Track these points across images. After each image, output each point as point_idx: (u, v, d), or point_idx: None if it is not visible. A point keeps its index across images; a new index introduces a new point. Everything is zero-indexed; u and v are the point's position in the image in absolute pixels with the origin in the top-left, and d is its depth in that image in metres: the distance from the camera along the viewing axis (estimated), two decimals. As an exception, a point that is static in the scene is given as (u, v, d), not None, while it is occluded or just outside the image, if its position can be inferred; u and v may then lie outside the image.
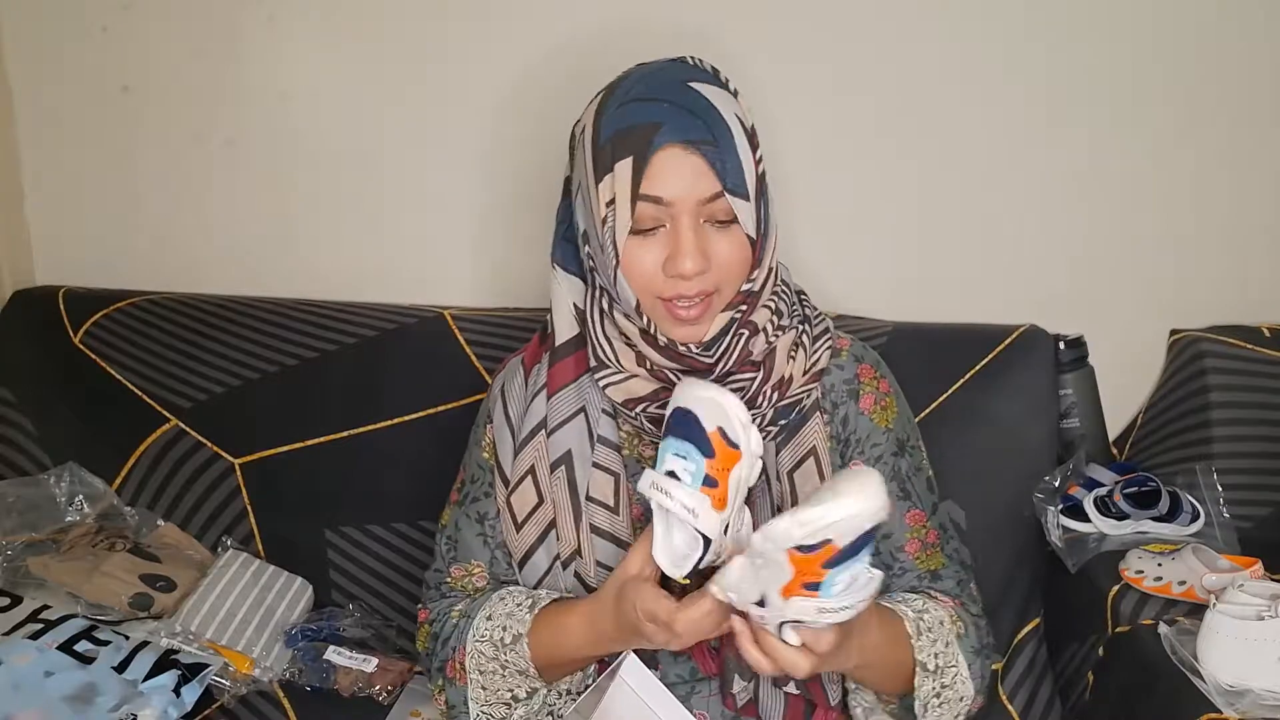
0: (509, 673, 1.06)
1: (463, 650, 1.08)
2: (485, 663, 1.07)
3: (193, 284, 1.71)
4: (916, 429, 1.19)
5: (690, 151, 0.95)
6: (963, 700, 1.06)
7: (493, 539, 1.15)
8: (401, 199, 1.72)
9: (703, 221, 0.98)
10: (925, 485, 1.16)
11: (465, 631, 1.09)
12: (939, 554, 1.14)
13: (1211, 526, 1.47)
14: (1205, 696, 1.14)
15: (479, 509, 1.16)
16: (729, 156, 0.96)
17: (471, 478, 1.18)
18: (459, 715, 1.10)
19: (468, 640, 1.08)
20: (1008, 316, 1.57)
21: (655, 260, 0.98)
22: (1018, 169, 1.63)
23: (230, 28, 1.67)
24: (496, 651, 1.06)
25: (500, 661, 1.06)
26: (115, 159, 1.75)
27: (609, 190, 0.97)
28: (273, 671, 1.38)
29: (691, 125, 0.95)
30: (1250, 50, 1.58)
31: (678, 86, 0.98)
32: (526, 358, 1.16)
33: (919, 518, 1.13)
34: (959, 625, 1.08)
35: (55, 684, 1.23)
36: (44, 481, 1.55)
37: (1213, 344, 1.60)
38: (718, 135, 0.96)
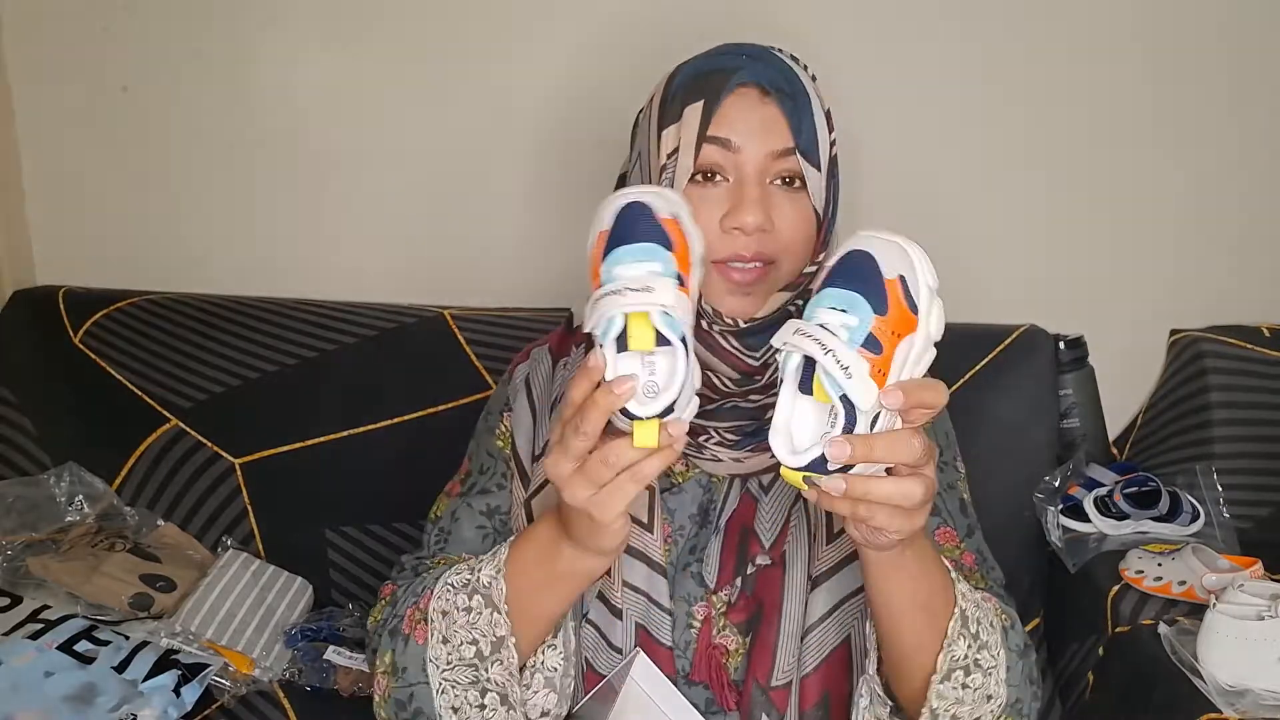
0: (476, 615, 0.88)
1: (429, 595, 0.91)
2: (452, 597, 0.89)
3: (193, 284, 1.71)
4: (955, 448, 1.08)
5: (766, 99, 0.89)
6: (991, 700, 0.88)
7: (498, 535, 1.02)
8: (401, 199, 1.72)
9: (769, 181, 0.90)
10: (958, 505, 1.05)
11: (439, 576, 0.93)
12: (978, 577, 1.01)
13: (1211, 526, 1.47)
14: (1205, 696, 1.14)
15: (488, 501, 1.03)
16: (805, 117, 0.90)
17: (480, 468, 1.06)
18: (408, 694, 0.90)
19: (439, 581, 0.91)
20: (1008, 316, 1.57)
21: (713, 215, 0.89)
22: (1017, 169, 1.64)
23: (230, 28, 1.67)
24: (468, 579, 0.89)
25: (470, 589, 0.89)
26: (115, 159, 1.75)
27: (673, 139, 0.90)
28: (273, 671, 1.38)
29: (771, 75, 0.90)
30: (1250, 51, 1.58)
31: (760, 48, 0.94)
32: (554, 347, 1.07)
33: (949, 536, 1.01)
34: (1005, 618, 0.92)
35: (55, 684, 1.23)
36: (44, 481, 1.55)
37: (1213, 344, 1.60)
38: (796, 94, 0.90)
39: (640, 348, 0.74)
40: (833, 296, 0.73)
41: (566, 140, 1.62)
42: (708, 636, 0.96)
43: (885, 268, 0.73)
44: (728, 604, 0.96)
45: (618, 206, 0.77)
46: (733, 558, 0.97)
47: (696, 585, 0.97)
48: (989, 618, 0.89)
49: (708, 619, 0.96)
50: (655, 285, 0.73)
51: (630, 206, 0.77)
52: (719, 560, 0.97)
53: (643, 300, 0.73)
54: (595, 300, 0.75)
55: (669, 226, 0.76)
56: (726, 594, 0.96)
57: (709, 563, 0.97)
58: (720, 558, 0.97)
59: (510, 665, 0.88)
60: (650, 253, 0.75)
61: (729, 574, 0.96)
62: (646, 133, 0.94)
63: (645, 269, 0.74)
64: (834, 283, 0.73)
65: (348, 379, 1.58)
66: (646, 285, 0.73)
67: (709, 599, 0.97)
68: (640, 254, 0.75)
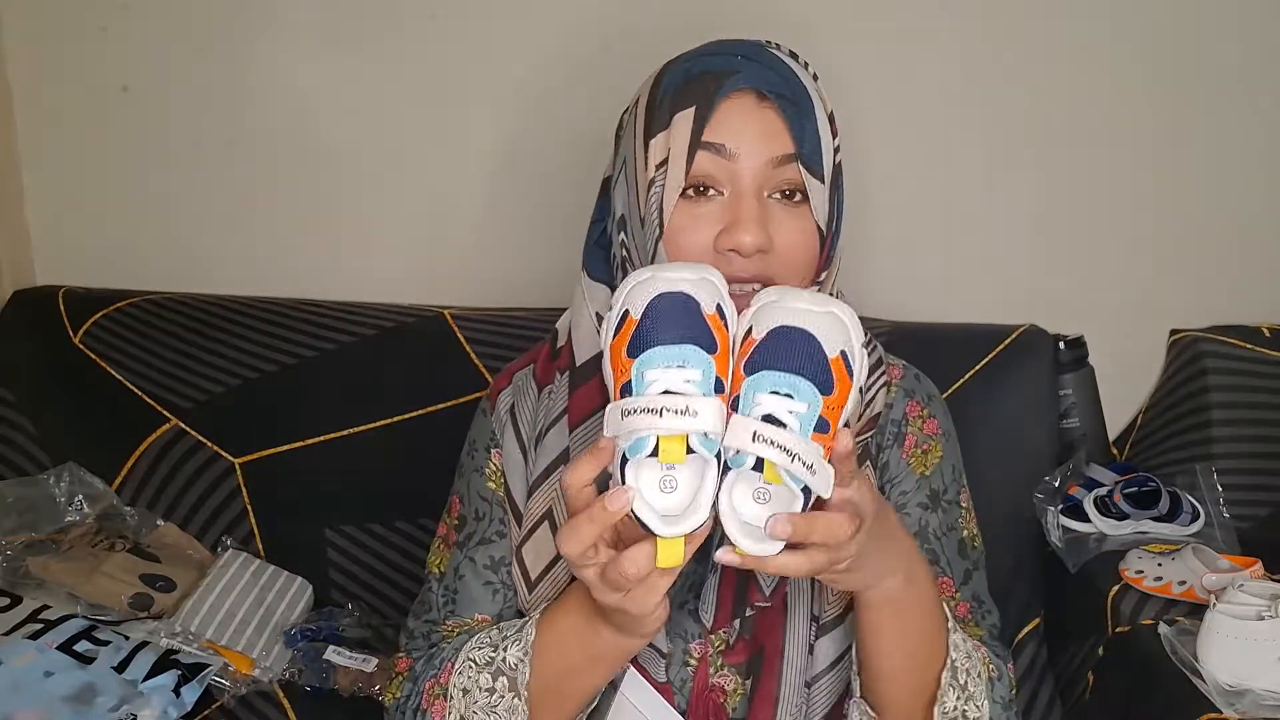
0: (498, 699, 0.85)
1: (450, 667, 0.88)
2: (475, 675, 0.86)
3: (193, 284, 1.71)
4: (960, 480, 1.02)
5: (765, 104, 0.82)
6: None
7: (506, 589, 0.96)
8: (401, 199, 1.72)
9: (768, 195, 0.83)
10: (956, 548, 0.99)
11: (460, 647, 0.90)
12: (973, 627, 0.98)
13: (1211, 526, 1.47)
14: (1205, 696, 1.14)
15: (490, 553, 0.96)
16: (807, 122, 0.83)
17: (476, 514, 0.98)
18: None
19: (460, 653, 0.88)
20: (1008, 316, 1.57)
21: (707, 234, 0.83)
22: (1017, 169, 1.63)
23: (230, 28, 1.67)
24: (492, 657, 0.86)
25: (494, 670, 0.86)
26: (115, 159, 1.75)
27: (662, 149, 0.83)
28: (273, 671, 1.38)
29: (770, 78, 0.83)
30: (1251, 50, 1.58)
31: (755, 46, 0.86)
32: (539, 372, 0.99)
33: (946, 586, 0.97)
34: (992, 669, 0.91)
35: (55, 684, 1.23)
36: (44, 481, 1.55)
37: (1213, 344, 1.60)
38: (797, 97, 0.83)
39: (670, 460, 0.68)
40: (774, 380, 0.67)
41: (568, 138, 1.62)
42: (704, 676, 0.93)
43: (828, 347, 0.68)
44: (726, 644, 0.93)
45: (652, 294, 0.69)
46: (730, 597, 0.92)
47: (693, 623, 0.93)
48: (977, 668, 0.88)
49: (704, 658, 0.93)
50: (699, 407, 0.66)
51: (669, 298, 0.69)
52: (716, 599, 0.92)
53: (684, 426, 0.66)
54: (625, 412, 0.67)
55: (713, 324, 0.69)
56: (725, 634, 0.93)
57: (706, 601, 0.92)
58: (718, 596, 0.92)
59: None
60: (690, 358, 0.67)
61: (726, 615, 0.92)
62: (632, 138, 0.87)
63: (683, 377, 0.67)
64: (774, 364, 0.68)
65: (348, 379, 1.58)
66: (688, 407, 0.66)
67: (706, 638, 0.93)
68: (679, 358, 0.67)
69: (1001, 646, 0.99)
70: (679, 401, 0.66)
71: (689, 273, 0.70)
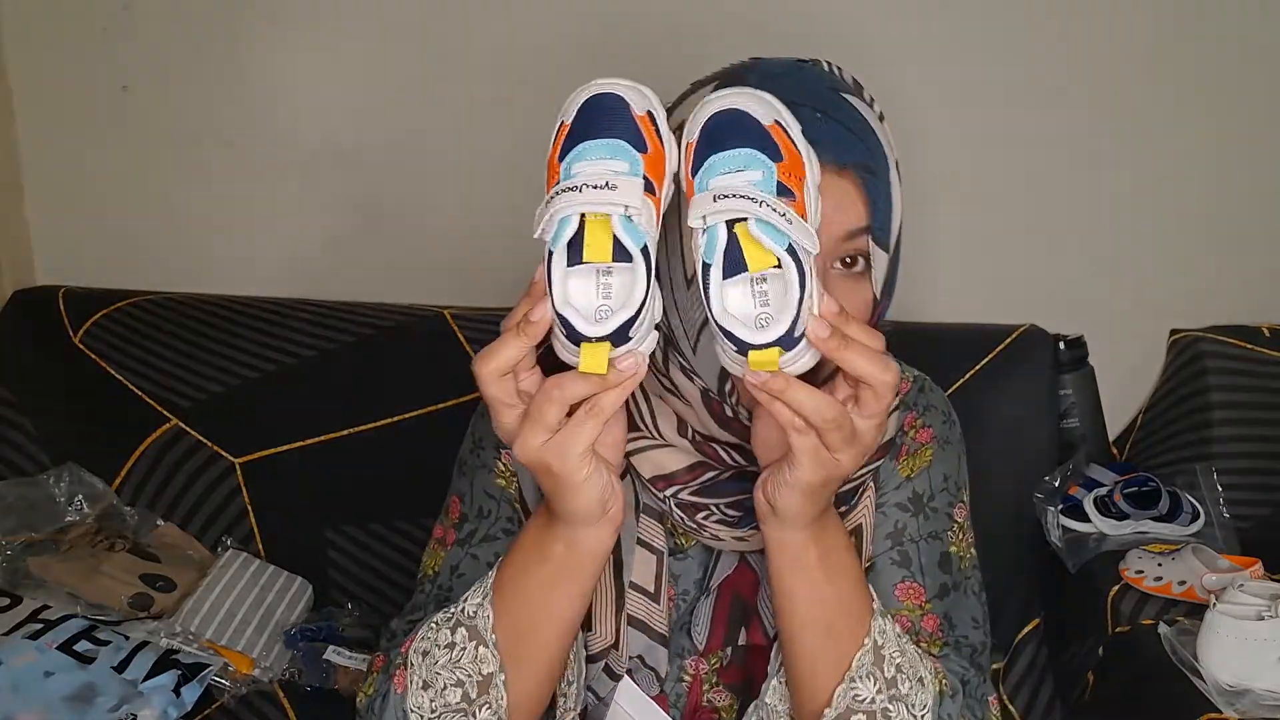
0: (460, 652, 0.77)
1: (411, 640, 0.81)
2: (434, 635, 0.78)
3: (193, 284, 1.71)
4: (955, 493, 0.93)
5: (842, 175, 0.74)
6: None
7: None
8: (401, 199, 1.72)
9: (830, 266, 0.75)
10: (937, 559, 0.89)
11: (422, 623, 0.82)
12: (936, 644, 0.88)
13: (1211, 526, 1.47)
14: (1205, 696, 1.15)
15: (495, 549, 0.89)
16: (881, 188, 0.76)
17: (480, 511, 0.92)
18: None
19: (421, 629, 0.81)
20: (1008, 316, 1.57)
21: None
22: (1017, 169, 1.63)
23: (230, 28, 1.67)
24: (451, 613, 0.79)
25: (454, 622, 0.78)
26: (115, 159, 1.75)
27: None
28: (273, 671, 1.38)
29: (849, 143, 0.75)
30: (1252, 50, 1.58)
31: (828, 94, 0.77)
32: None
33: (915, 593, 0.88)
34: (945, 682, 0.81)
35: (55, 684, 1.23)
36: (44, 481, 1.55)
37: (1213, 344, 1.60)
38: (874, 161, 0.76)
39: (596, 258, 0.65)
40: (722, 162, 0.65)
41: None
42: (697, 694, 0.91)
43: (761, 117, 0.67)
44: (721, 663, 0.90)
45: (584, 97, 0.67)
46: (723, 624, 0.89)
47: (688, 640, 0.91)
48: (919, 671, 0.78)
49: (698, 676, 0.91)
50: (619, 183, 0.64)
51: (599, 99, 0.67)
52: (709, 624, 0.89)
53: (603, 199, 0.63)
54: (548, 200, 0.65)
55: (643, 125, 0.66)
56: (720, 655, 0.90)
57: (699, 624, 0.90)
58: (711, 621, 0.89)
59: (499, 709, 0.77)
60: (618, 150, 0.65)
61: (718, 640, 0.90)
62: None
63: (609, 168, 0.65)
64: (715, 148, 0.66)
65: (348, 379, 1.58)
66: (609, 183, 0.64)
67: (700, 656, 0.91)
68: (606, 151, 0.65)
69: (975, 672, 0.87)
70: (598, 178, 0.64)
71: (623, 80, 0.68)
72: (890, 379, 0.67)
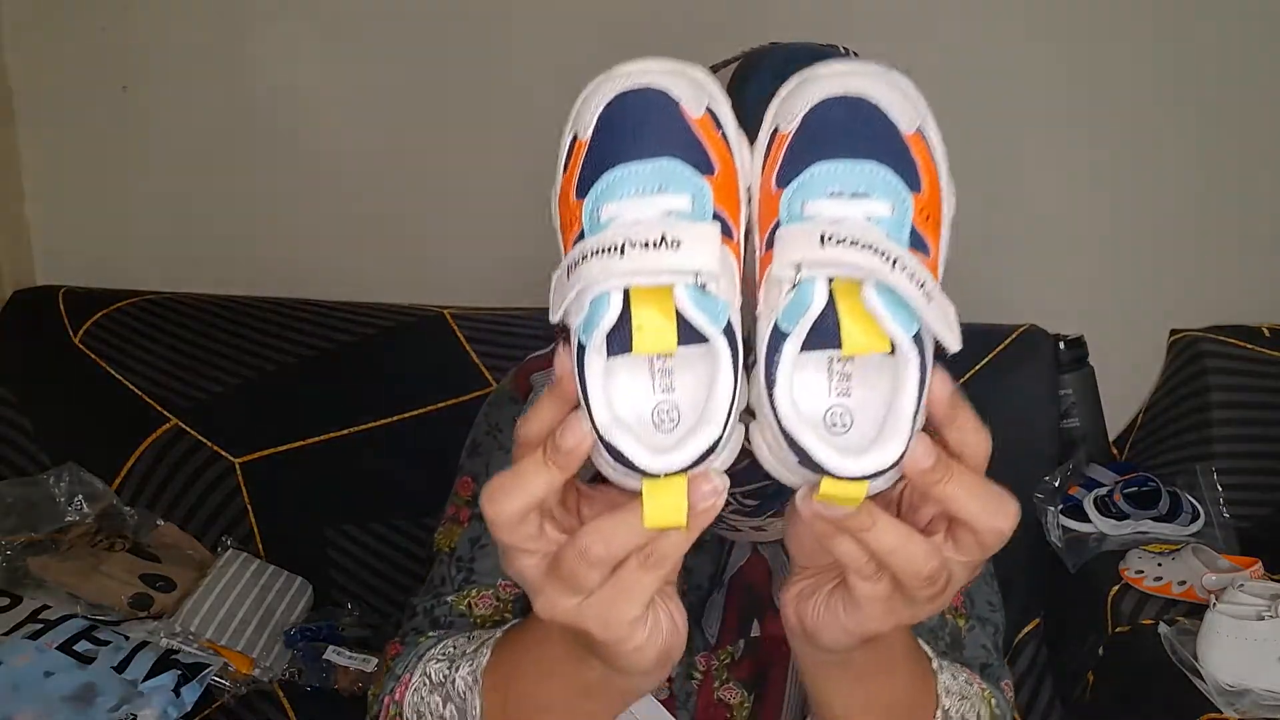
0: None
1: (407, 680, 0.72)
2: (427, 696, 0.70)
3: (193, 284, 1.71)
4: None
5: None
6: None
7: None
8: (401, 198, 1.72)
9: None
10: None
11: (423, 654, 0.73)
12: (961, 617, 0.87)
13: (1211, 526, 1.47)
14: (1205, 696, 1.14)
15: None
16: None
17: None
18: None
19: (420, 663, 0.72)
20: (1008, 316, 1.57)
21: None
22: (1017, 169, 1.63)
23: (230, 28, 1.67)
24: (444, 678, 0.69)
25: (445, 694, 0.68)
26: (115, 159, 1.75)
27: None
28: (273, 671, 1.38)
29: None
30: (1251, 51, 1.58)
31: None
32: None
33: None
34: (994, 703, 0.77)
35: (55, 684, 1.23)
36: (44, 481, 1.55)
37: (1213, 344, 1.60)
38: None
39: (654, 349, 0.44)
40: (831, 176, 0.44)
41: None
42: (709, 691, 0.89)
43: (899, 119, 0.45)
44: (732, 658, 0.89)
45: (607, 97, 0.45)
46: (735, 617, 0.87)
47: (699, 635, 0.89)
48: (976, 706, 0.71)
49: (709, 671, 0.89)
50: (683, 235, 0.42)
51: (632, 98, 0.45)
52: (721, 616, 0.87)
53: (661, 264, 0.42)
54: (572, 265, 0.44)
55: (704, 132, 0.45)
56: (731, 649, 0.89)
57: (710, 617, 0.88)
58: (723, 615, 0.87)
59: None
60: (671, 177, 0.43)
61: (731, 635, 0.88)
62: None
63: (661, 207, 0.43)
64: (824, 153, 0.44)
65: (348, 379, 1.58)
66: (666, 236, 0.42)
67: (712, 651, 0.89)
68: (653, 180, 0.43)
69: (996, 655, 0.88)
70: (648, 230, 0.42)
71: (658, 64, 0.45)
72: (1007, 528, 0.50)
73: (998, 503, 0.50)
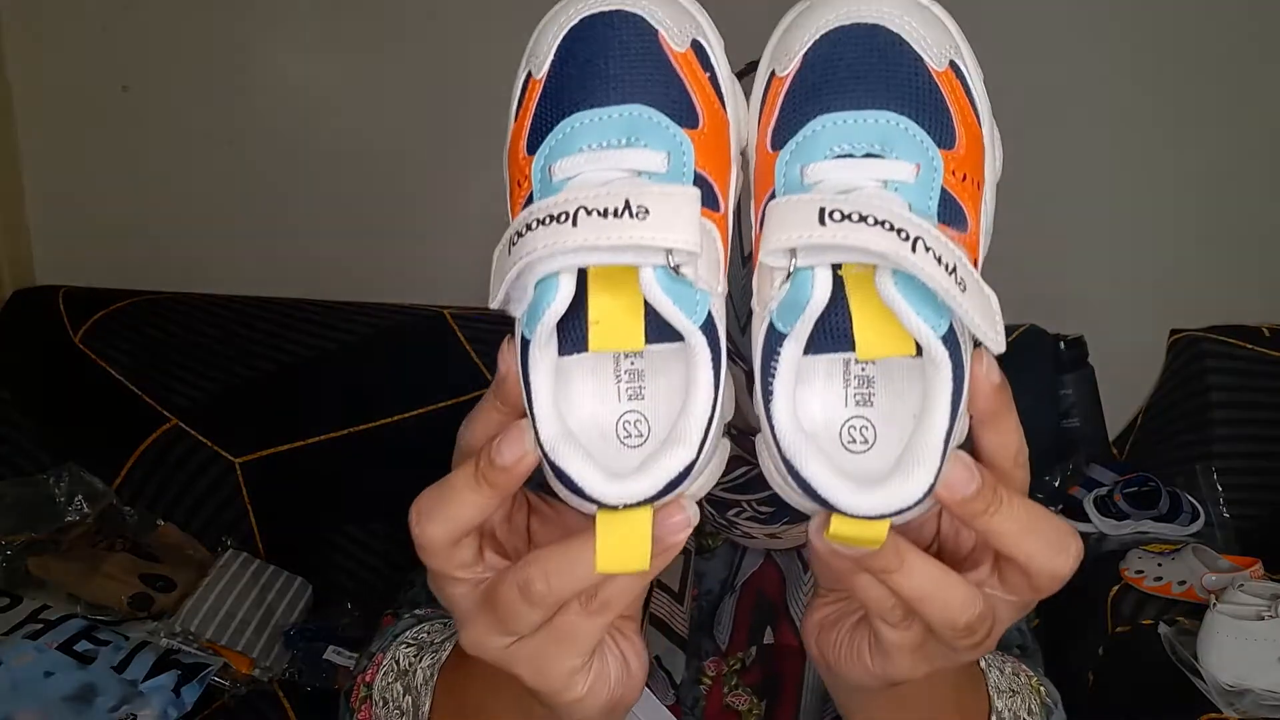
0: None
1: (379, 660, 0.67)
2: (392, 680, 0.65)
3: (193, 284, 1.71)
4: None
5: None
6: None
7: None
8: (401, 198, 1.72)
9: None
10: None
11: (399, 633, 0.69)
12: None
13: (1211, 526, 1.47)
14: (1205, 696, 1.14)
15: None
16: None
17: None
18: None
19: (391, 646, 0.67)
20: (1008, 316, 1.55)
21: None
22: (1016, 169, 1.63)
23: (230, 28, 1.67)
24: (411, 661, 0.65)
25: (404, 683, 0.64)
26: (115, 159, 1.75)
27: None
28: (273, 671, 1.38)
29: None
30: (1251, 51, 1.58)
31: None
32: None
33: None
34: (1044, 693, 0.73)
35: (55, 684, 1.23)
36: (44, 481, 1.55)
37: (1213, 344, 1.60)
38: None
39: (614, 347, 0.36)
40: (837, 130, 0.35)
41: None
42: (719, 697, 0.87)
43: (929, 52, 0.36)
44: (743, 664, 0.87)
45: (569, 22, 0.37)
46: (747, 623, 0.85)
47: (709, 641, 0.87)
48: (1027, 700, 0.66)
49: (718, 677, 0.88)
50: (653, 202, 0.33)
51: (596, 22, 0.36)
52: (732, 622, 0.84)
53: (623, 237, 0.33)
54: (514, 236, 0.36)
55: (686, 70, 0.36)
56: (741, 656, 0.87)
57: (721, 623, 0.85)
58: (734, 621, 0.84)
59: None
60: (641, 127, 0.35)
61: (742, 640, 0.86)
62: None
63: (629, 163, 0.35)
64: (831, 101, 0.35)
65: (348, 379, 1.58)
66: (630, 202, 0.33)
67: (721, 656, 0.88)
68: (619, 131, 0.35)
69: (1031, 637, 0.86)
70: (609, 194, 0.33)
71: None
72: (1066, 570, 0.42)
73: (1056, 540, 0.41)
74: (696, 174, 0.35)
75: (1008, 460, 0.41)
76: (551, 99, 0.36)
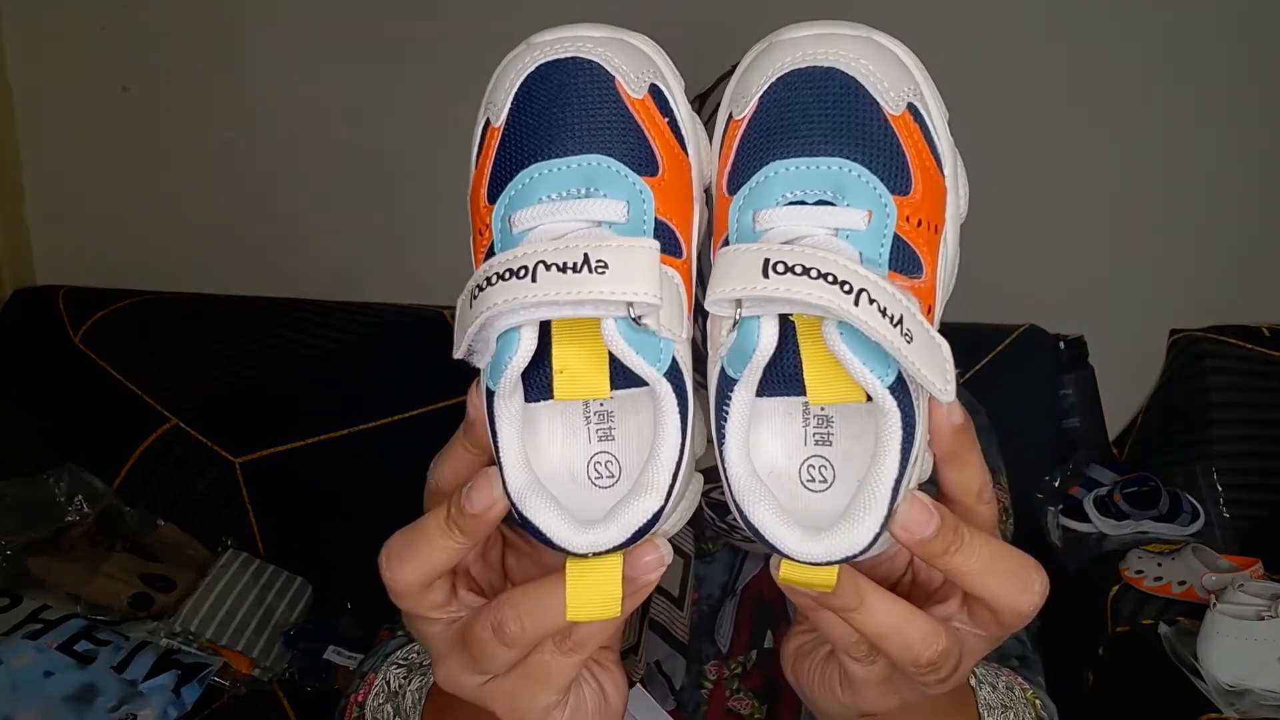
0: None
1: (371, 680, 0.67)
2: (382, 701, 0.65)
3: (193, 284, 1.71)
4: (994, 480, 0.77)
5: None
6: None
7: None
8: (402, 199, 1.72)
9: None
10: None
11: (389, 654, 0.68)
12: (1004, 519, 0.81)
13: (1211, 526, 1.47)
14: (1205, 696, 1.14)
15: None
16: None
17: None
18: None
19: (383, 666, 0.67)
20: (1008, 316, 1.57)
21: None
22: (1016, 169, 1.63)
23: (230, 27, 1.67)
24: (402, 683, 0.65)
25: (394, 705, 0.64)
26: (115, 159, 1.75)
27: None
28: (272, 671, 1.38)
29: None
30: (1251, 51, 1.58)
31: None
32: None
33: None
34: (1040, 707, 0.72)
35: (55, 684, 1.23)
36: (44, 481, 1.55)
37: (1213, 344, 1.60)
38: None
39: (579, 396, 0.37)
40: (789, 176, 0.35)
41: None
42: (720, 700, 0.87)
43: (883, 95, 0.36)
44: (743, 668, 0.88)
45: (525, 70, 0.38)
46: (747, 627, 0.86)
47: (710, 644, 0.88)
48: (1021, 715, 0.66)
49: (720, 681, 0.88)
50: (611, 256, 0.34)
51: (551, 70, 0.37)
52: (733, 626, 0.85)
53: (581, 292, 0.34)
54: (475, 289, 0.38)
55: (644, 116, 0.36)
56: (742, 660, 0.87)
57: (722, 627, 0.86)
58: (735, 625, 0.85)
59: None
60: (599, 177, 0.35)
61: (743, 644, 0.87)
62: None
63: (586, 214, 0.35)
64: (784, 148, 0.35)
65: (348, 379, 1.58)
66: (590, 257, 0.34)
67: (723, 660, 0.88)
68: (576, 180, 0.35)
69: (1031, 646, 0.86)
70: (567, 248, 0.33)
71: (590, 30, 0.38)
72: (1030, 608, 0.41)
73: (1019, 577, 0.40)
74: (658, 221, 0.36)
75: (970, 497, 0.41)
76: (510, 148, 0.38)
